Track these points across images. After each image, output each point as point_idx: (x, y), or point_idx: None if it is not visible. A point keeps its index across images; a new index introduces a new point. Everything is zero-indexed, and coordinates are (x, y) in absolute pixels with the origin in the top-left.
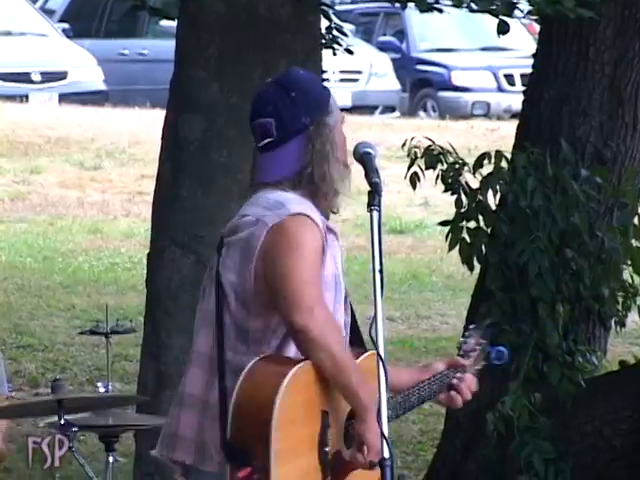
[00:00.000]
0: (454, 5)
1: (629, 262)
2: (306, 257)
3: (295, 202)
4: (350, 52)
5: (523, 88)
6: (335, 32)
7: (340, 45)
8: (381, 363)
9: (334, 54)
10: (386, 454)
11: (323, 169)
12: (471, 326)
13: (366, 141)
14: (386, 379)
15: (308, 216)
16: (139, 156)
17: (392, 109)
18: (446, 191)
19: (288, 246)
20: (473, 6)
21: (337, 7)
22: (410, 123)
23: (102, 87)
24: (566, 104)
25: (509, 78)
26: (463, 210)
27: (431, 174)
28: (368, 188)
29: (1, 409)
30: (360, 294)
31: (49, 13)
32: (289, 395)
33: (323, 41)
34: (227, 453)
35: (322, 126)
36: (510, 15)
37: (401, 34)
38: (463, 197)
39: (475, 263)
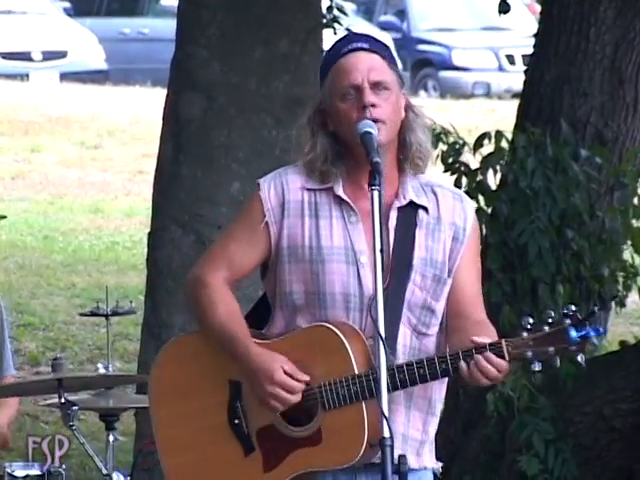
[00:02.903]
0: None
1: (629, 242)
2: (230, 227)
3: (277, 170)
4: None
5: (524, 68)
6: (336, 11)
7: (341, 25)
8: (381, 343)
9: (335, 33)
10: (386, 433)
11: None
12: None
13: (367, 120)
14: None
15: (259, 184)
16: (140, 135)
17: None
18: (446, 171)
19: None
20: None
21: None
22: None
23: (103, 66)
24: (567, 84)
25: (510, 58)
26: (463, 190)
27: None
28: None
29: (1, 388)
30: None
31: None
32: (166, 366)
33: (324, 20)
34: None
35: (310, 109)
36: None
37: (402, 14)
38: (463, 177)
39: None
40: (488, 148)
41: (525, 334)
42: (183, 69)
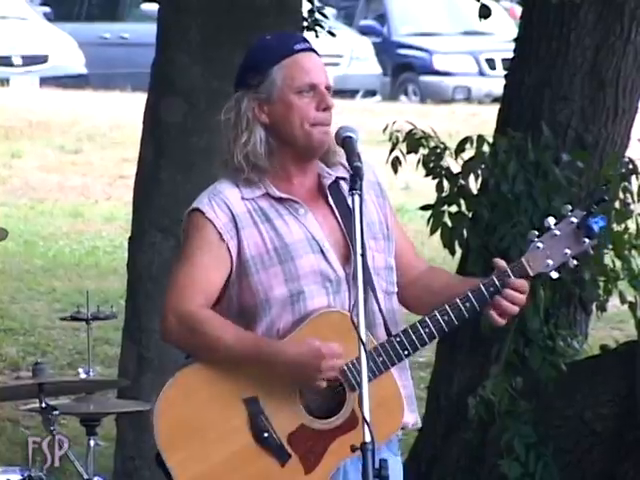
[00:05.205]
0: None
1: (610, 246)
2: (187, 257)
3: (203, 193)
4: (332, 34)
5: (504, 72)
6: (317, 15)
7: (323, 27)
8: (362, 347)
9: (317, 37)
10: (367, 438)
11: (228, 142)
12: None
13: (347, 125)
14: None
15: (198, 210)
16: (120, 140)
17: (373, 93)
18: (427, 175)
19: (181, 247)
20: None
21: None
22: (391, 107)
23: (83, 71)
24: (547, 89)
25: (490, 62)
26: (444, 194)
27: (412, 158)
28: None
29: None
30: None
31: None
32: (169, 410)
33: (305, 24)
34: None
35: (242, 99)
36: None
37: (382, 18)
38: (445, 181)
39: (456, 247)
40: (469, 152)
41: (540, 245)
42: (163, 74)
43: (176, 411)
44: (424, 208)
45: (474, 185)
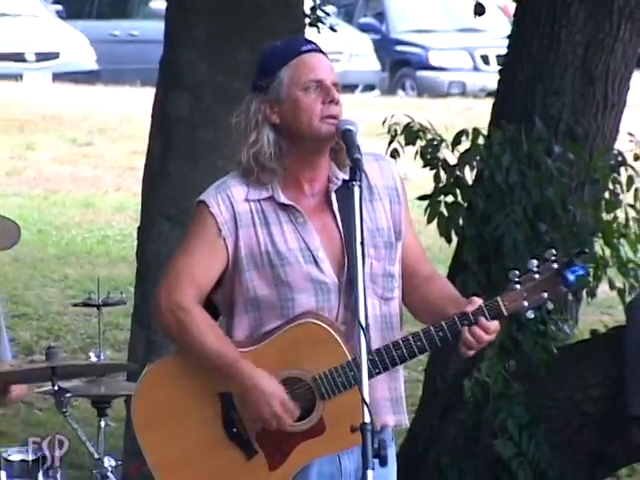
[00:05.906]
0: None
1: (600, 235)
2: (186, 246)
3: (213, 186)
4: (334, 30)
5: (498, 68)
6: (319, 12)
7: (324, 24)
8: (362, 332)
9: (318, 32)
10: (367, 419)
11: (241, 144)
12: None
13: (348, 118)
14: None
15: (204, 202)
16: (130, 133)
17: (372, 88)
18: (425, 166)
19: (184, 233)
20: None
21: None
22: (389, 102)
23: (94, 67)
24: (539, 83)
25: (485, 58)
26: (441, 185)
27: (410, 150)
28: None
29: None
30: None
31: None
32: (148, 392)
33: (307, 20)
34: None
35: (251, 102)
36: None
37: (381, 16)
38: (441, 172)
39: (452, 236)
40: (465, 145)
41: (518, 286)
42: (171, 69)
43: (155, 394)
44: (421, 198)
45: (469, 176)
